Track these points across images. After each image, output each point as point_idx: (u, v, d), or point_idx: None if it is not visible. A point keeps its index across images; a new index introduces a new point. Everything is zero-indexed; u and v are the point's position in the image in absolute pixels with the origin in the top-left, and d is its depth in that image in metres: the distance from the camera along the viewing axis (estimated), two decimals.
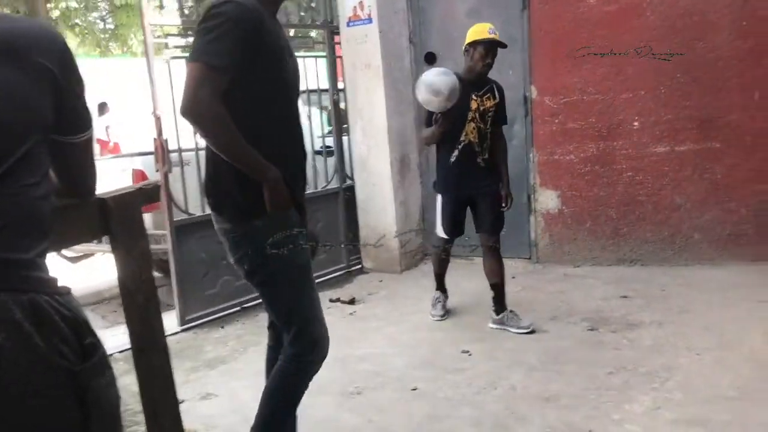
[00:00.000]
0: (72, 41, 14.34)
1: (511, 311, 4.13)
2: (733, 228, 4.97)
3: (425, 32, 5.66)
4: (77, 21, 13.08)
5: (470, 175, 4.02)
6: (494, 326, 4.14)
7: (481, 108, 3.99)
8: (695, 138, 4.95)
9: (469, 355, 3.77)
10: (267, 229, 2.17)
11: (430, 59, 5.63)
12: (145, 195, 1.97)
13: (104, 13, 13.54)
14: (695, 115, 4.92)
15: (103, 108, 10.95)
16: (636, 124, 5.07)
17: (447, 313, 4.45)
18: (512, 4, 5.31)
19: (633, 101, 5.05)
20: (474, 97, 3.97)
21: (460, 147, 4.00)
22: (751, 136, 4.83)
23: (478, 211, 4.14)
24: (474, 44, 3.95)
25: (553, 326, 4.12)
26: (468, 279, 5.13)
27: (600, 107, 5.15)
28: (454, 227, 4.18)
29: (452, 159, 4.02)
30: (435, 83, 3.67)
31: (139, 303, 1.98)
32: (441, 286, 4.49)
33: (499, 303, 4.16)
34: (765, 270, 4.76)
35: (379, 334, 4.25)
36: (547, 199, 5.43)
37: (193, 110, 1.96)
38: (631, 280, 4.88)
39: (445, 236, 4.20)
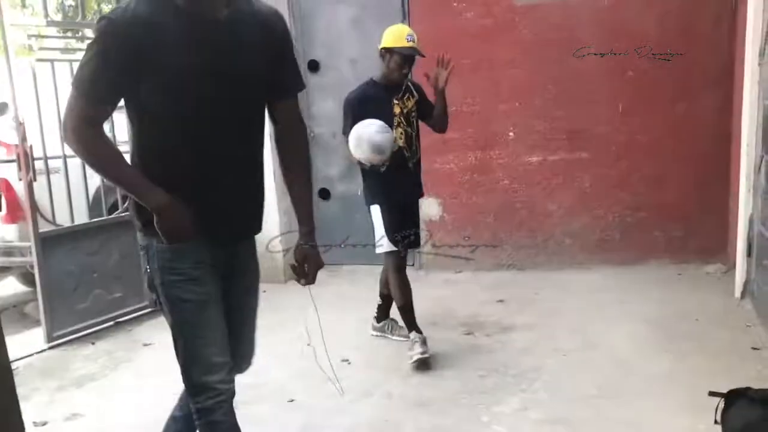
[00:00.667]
0: None
1: (392, 319, 4.17)
2: (601, 233, 5.25)
3: (308, 40, 5.65)
4: None
5: (403, 181, 3.81)
6: (375, 333, 4.17)
7: (405, 110, 3.76)
8: (566, 148, 5.20)
9: (349, 363, 3.78)
10: (162, 253, 2.00)
11: (314, 67, 5.64)
12: None
13: None
14: (566, 127, 5.18)
15: (3, 108, 10.16)
16: (511, 134, 5.27)
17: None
18: (393, 14, 5.39)
19: (508, 113, 5.25)
20: (396, 101, 3.74)
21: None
22: (616, 147, 5.12)
23: (403, 221, 3.85)
24: (390, 51, 3.69)
25: (432, 331, 4.18)
26: (349, 285, 5.17)
27: (478, 118, 5.32)
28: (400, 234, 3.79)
29: (382, 168, 3.66)
30: (379, 143, 3.47)
31: None
32: (414, 325, 3.86)
33: (385, 312, 4.18)
34: (629, 273, 5.06)
35: (259, 346, 4.17)
36: (429, 207, 5.53)
37: (66, 138, 1.91)
38: (507, 285, 5.05)
39: (394, 248, 3.76)
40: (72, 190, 4.57)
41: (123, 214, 4.86)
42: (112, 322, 4.72)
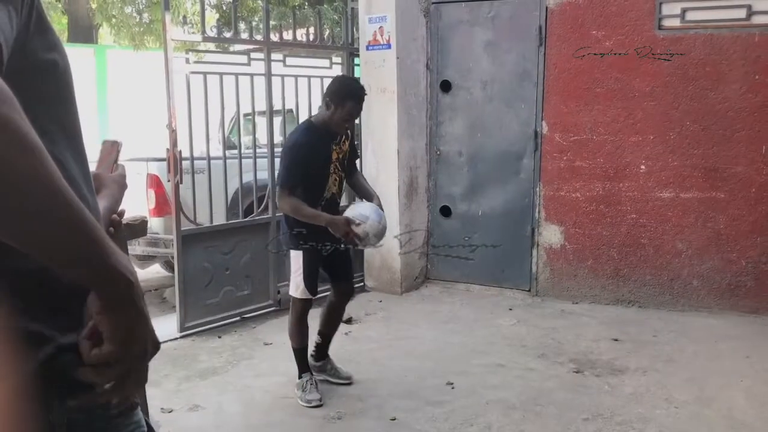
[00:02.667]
0: (107, 32, 14.65)
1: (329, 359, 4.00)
2: (733, 278, 4.99)
3: (442, 60, 5.76)
4: (114, 13, 13.33)
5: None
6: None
7: (340, 155, 3.63)
8: (701, 186, 4.98)
9: (452, 388, 3.84)
10: None
11: (446, 87, 5.73)
12: (131, 231, 2.10)
13: (141, 6, 13.80)
14: (702, 164, 4.96)
15: None
16: (643, 167, 5.11)
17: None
18: (530, 39, 5.38)
19: (641, 145, 5.10)
20: (333, 146, 3.58)
21: (323, 203, 3.60)
22: (756, 189, 4.85)
23: (335, 260, 3.75)
24: (338, 104, 3.46)
25: (540, 364, 4.18)
26: (461, 305, 5.24)
27: (609, 148, 5.20)
28: (316, 283, 3.73)
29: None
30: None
31: None
32: (306, 366, 3.80)
33: (323, 351, 3.97)
34: (759, 324, 4.78)
35: (369, 357, 4.34)
36: (551, 234, 5.48)
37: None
38: (625, 322, 4.92)
39: (309, 296, 3.68)
40: (213, 192, 4.94)
41: (257, 217, 5.20)
42: (238, 318, 5.06)
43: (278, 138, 5.66)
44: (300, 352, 3.78)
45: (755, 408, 3.51)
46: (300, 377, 3.74)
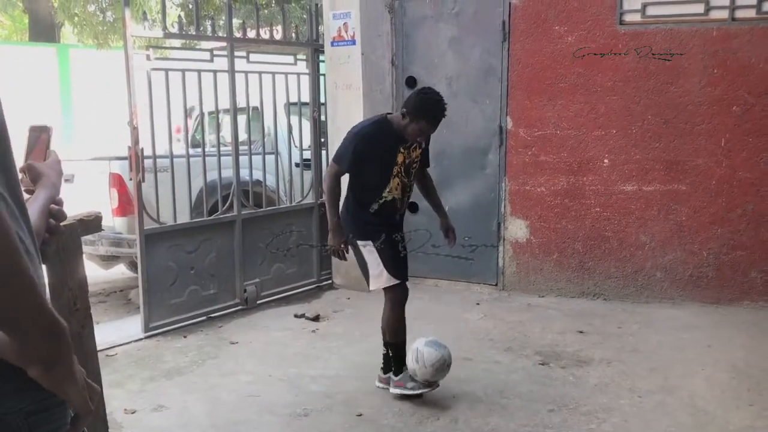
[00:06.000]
0: (70, 31, 14.40)
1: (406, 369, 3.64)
2: (695, 269, 5.07)
3: (407, 56, 5.75)
4: (76, 11, 13.09)
5: (390, 228, 3.61)
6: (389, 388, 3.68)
7: (407, 161, 3.54)
8: (662, 179, 5.05)
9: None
10: None
11: (411, 83, 5.72)
12: (85, 226, 2.06)
13: (104, 4, 13.57)
14: (664, 157, 5.03)
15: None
16: (606, 161, 5.17)
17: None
18: (494, 34, 5.41)
19: (604, 139, 5.15)
20: (401, 150, 3.51)
21: (381, 202, 3.53)
22: (716, 181, 4.93)
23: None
24: (415, 119, 3.38)
25: (506, 357, 4.20)
26: (430, 300, 5.24)
27: (572, 143, 5.25)
28: (403, 265, 3.62)
29: (370, 211, 3.55)
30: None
31: (72, 331, 2.06)
32: (404, 361, 3.61)
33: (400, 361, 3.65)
34: (721, 313, 4.87)
35: (336, 354, 4.33)
36: (517, 228, 5.52)
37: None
38: (590, 315, 4.97)
39: (396, 281, 3.52)
40: (177, 191, 4.87)
41: (221, 216, 5.14)
42: (204, 317, 5.00)
43: (243, 136, 5.61)
44: (396, 348, 3.60)
45: (716, 395, 3.57)
46: (401, 371, 3.57)
